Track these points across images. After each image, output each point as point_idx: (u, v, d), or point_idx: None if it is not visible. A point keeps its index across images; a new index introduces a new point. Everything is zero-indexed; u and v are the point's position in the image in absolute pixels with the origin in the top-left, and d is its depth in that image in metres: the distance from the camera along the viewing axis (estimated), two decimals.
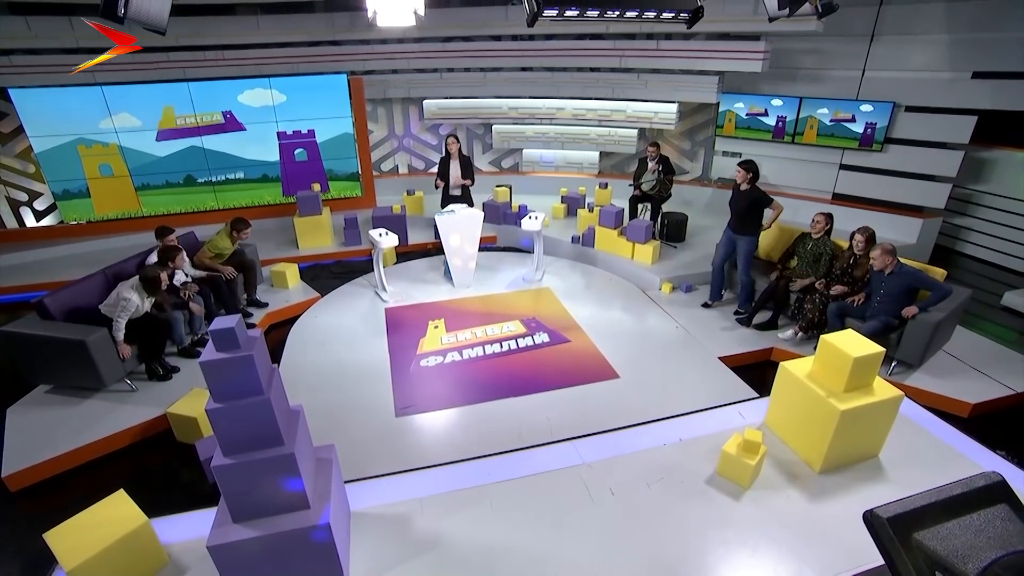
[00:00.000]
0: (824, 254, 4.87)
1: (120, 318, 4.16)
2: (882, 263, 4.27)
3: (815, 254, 4.92)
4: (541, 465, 3.35)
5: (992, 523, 1.19)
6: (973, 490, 1.24)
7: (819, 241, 4.91)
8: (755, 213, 5.03)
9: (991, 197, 6.86)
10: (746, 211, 5.02)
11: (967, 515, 1.20)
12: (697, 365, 4.58)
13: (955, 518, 1.20)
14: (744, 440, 3.10)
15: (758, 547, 2.79)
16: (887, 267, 4.27)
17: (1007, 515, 1.20)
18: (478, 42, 7.91)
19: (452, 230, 5.79)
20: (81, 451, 3.80)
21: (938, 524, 1.20)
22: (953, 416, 3.99)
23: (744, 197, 5.02)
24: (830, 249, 4.88)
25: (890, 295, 4.30)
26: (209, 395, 2.12)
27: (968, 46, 5.99)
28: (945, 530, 1.19)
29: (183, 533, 2.84)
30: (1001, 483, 1.26)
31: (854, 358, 3.01)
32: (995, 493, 1.24)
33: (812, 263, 4.93)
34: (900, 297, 4.27)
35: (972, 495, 1.23)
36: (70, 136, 7.12)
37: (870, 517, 1.24)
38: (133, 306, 4.21)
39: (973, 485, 1.25)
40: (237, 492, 2.21)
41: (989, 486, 1.25)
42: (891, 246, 4.27)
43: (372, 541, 2.84)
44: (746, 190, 5.01)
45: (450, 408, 4.12)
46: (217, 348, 2.07)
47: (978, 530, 1.17)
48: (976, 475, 1.30)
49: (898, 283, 4.26)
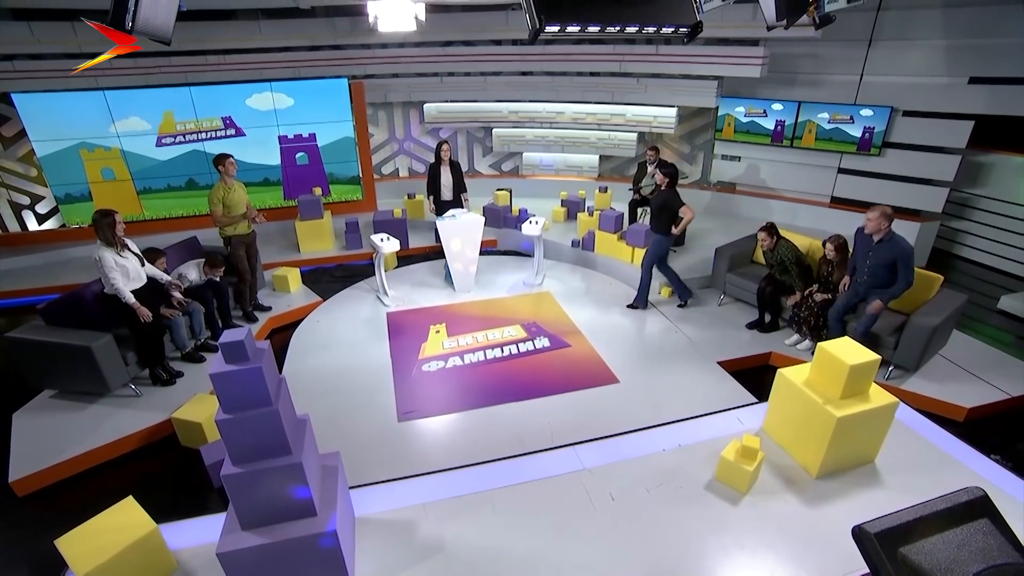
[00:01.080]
0: (786, 259, 4.92)
1: (114, 279, 4.00)
2: (876, 226, 4.07)
3: (780, 264, 4.98)
4: (543, 470, 3.40)
5: (974, 537, 1.24)
6: (957, 505, 1.29)
7: (775, 252, 4.97)
8: (666, 214, 5.27)
9: (988, 201, 6.91)
10: (658, 211, 5.34)
11: (951, 530, 1.25)
12: (696, 369, 4.63)
13: (939, 533, 1.25)
14: (742, 446, 3.15)
15: (756, 552, 2.85)
16: (879, 232, 4.09)
17: (988, 529, 1.25)
18: (479, 46, 7.95)
19: (453, 235, 5.84)
20: (87, 456, 3.85)
21: (923, 539, 1.25)
22: (949, 420, 4.05)
23: (659, 198, 5.33)
24: (790, 254, 4.91)
25: (875, 266, 4.17)
26: (219, 406, 2.16)
27: (965, 51, 6.04)
28: (930, 544, 1.24)
29: (191, 539, 2.89)
30: (983, 498, 1.31)
31: (850, 366, 3.06)
32: (977, 508, 1.29)
33: (783, 272, 5.00)
34: (882, 271, 4.15)
35: (956, 510, 1.28)
36: (72, 140, 7.16)
37: (859, 532, 1.29)
38: (110, 260, 4.01)
39: (957, 500, 1.30)
40: (246, 500, 2.26)
41: (971, 501, 1.30)
42: (890, 210, 4.08)
43: (377, 546, 2.89)
44: (664, 191, 5.29)
45: (452, 413, 4.17)
46: (227, 360, 2.11)
47: (961, 544, 1.22)
48: (959, 490, 1.35)
49: (886, 253, 4.11)
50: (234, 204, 5.22)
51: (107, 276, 4.02)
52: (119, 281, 4.04)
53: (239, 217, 5.26)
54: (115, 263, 4.04)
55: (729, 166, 8.03)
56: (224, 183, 5.18)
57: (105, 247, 4.05)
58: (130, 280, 4.16)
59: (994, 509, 1.28)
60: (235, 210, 5.23)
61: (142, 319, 4.14)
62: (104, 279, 4.07)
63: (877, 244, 4.15)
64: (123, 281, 4.07)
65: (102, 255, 4.01)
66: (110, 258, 4.03)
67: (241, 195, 5.32)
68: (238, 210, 5.25)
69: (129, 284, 4.14)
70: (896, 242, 4.10)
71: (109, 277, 4.02)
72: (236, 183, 5.33)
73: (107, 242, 4.06)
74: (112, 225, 4.05)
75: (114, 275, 4.02)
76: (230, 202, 5.19)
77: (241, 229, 5.36)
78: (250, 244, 5.48)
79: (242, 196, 5.33)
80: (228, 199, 5.17)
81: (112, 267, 4.01)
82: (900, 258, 4.09)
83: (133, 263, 4.19)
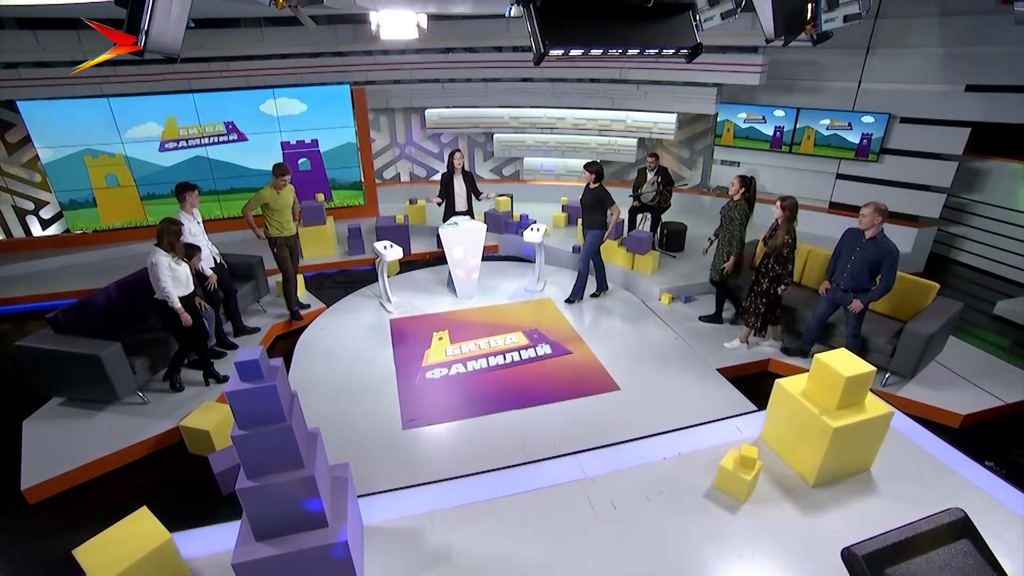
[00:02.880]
0: (735, 219, 4.99)
1: (165, 283, 4.12)
2: (869, 222, 4.04)
3: (728, 217, 5.07)
4: (546, 479, 3.47)
5: (955, 558, 1.32)
6: (940, 527, 1.36)
7: (735, 205, 5.04)
8: (598, 209, 5.62)
9: (985, 207, 6.99)
10: (591, 207, 5.63)
11: (934, 550, 1.32)
12: (696, 377, 4.70)
13: (923, 554, 1.33)
14: (741, 456, 3.23)
15: (753, 560, 2.92)
16: (873, 228, 4.06)
17: (968, 550, 1.32)
18: (480, 53, 8.01)
19: (455, 242, 5.90)
20: (97, 464, 3.92)
21: (908, 559, 1.33)
22: (944, 427, 4.13)
23: (591, 195, 5.62)
24: (741, 214, 4.96)
25: (859, 264, 4.17)
26: (234, 422, 2.23)
27: (961, 59, 6.11)
28: (914, 565, 1.31)
29: (204, 548, 2.96)
30: (964, 519, 1.39)
31: (846, 377, 3.14)
32: (958, 529, 1.36)
33: (726, 227, 5.08)
34: (866, 271, 4.15)
35: (939, 531, 1.36)
36: (77, 147, 7.22)
37: (848, 555, 1.36)
38: (165, 265, 4.14)
39: (940, 522, 1.38)
40: (260, 512, 2.33)
41: (953, 522, 1.37)
42: (884, 206, 4.05)
43: (385, 555, 2.96)
44: (593, 188, 5.59)
45: (455, 420, 4.24)
46: (241, 378, 2.18)
47: (943, 565, 1.30)
48: (942, 512, 1.43)
49: (872, 252, 4.10)
50: (280, 206, 5.38)
51: (159, 280, 4.13)
52: (169, 286, 4.16)
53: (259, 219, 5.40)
54: (169, 268, 4.18)
55: (729, 171, 8.08)
56: (275, 189, 5.34)
57: (163, 252, 4.18)
58: (181, 286, 4.30)
59: (974, 530, 1.36)
60: (280, 213, 5.39)
61: (184, 324, 4.28)
62: (155, 283, 4.18)
63: (867, 242, 4.16)
64: (173, 286, 4.19)
65: (158, 259, 4.14)
66: (165, 263, 4.16)
67: (288, 199, 5.48)
68: (284, 213, 5.41)
69: (178, 290, 4.26)
70: (884, 242, 4.11)
71: (161, 281, 4.13)
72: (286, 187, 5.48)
73: (167, 248, 4.20)
74: (177, 234, 4.23)
75: (166, 280, 4.14)
76: (277, 205, 5.35)
77: (287, 231, 5.50)
78: (293, 246, 5.64)
79: (289, 200, 5.49)
80: (275, 202, 5.34)
81: (165, 272, 4.14)
82: (885, 259, 4.08)
83: (185, 271, 4.35)
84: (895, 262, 4.10)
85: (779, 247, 4.50)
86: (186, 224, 4.60)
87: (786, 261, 4.54)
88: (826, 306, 4.55)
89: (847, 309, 4.34)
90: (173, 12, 3.06)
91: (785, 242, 4.48)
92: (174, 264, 4.23)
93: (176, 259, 4.26)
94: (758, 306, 4.77)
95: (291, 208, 5.51)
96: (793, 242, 4.52)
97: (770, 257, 4.61)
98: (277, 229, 5.43)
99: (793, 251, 4.54)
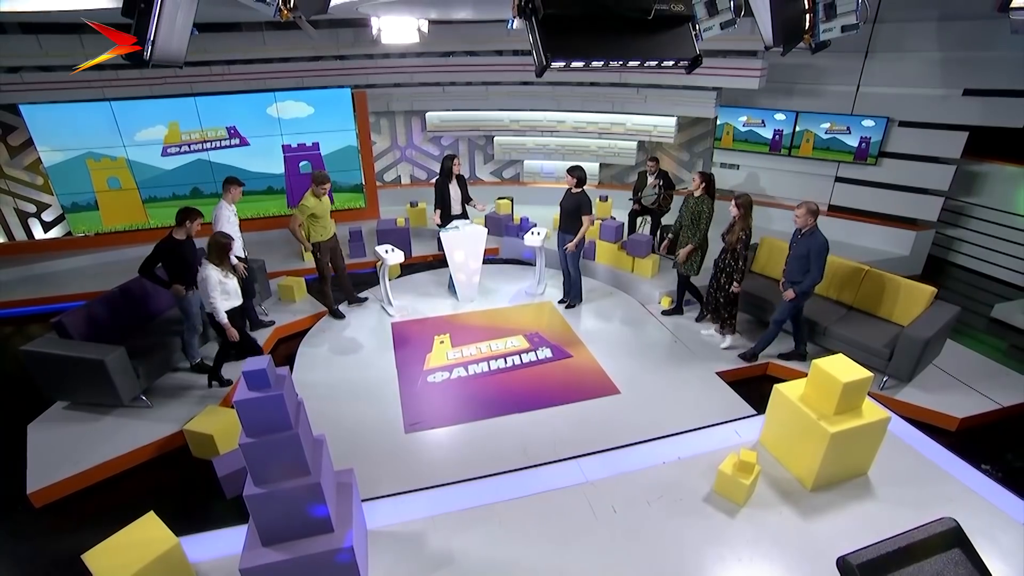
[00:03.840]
0: (703, 213, 5.08)
1: (214, 299, 4.15)
2: (803, 222, 4.40)
3: (695, 213, 5.15)
4: (547, 483, 3.52)
5: (947, 567, 1.36)
6: (932, 536, 1.41)
7: (699, 199, 5.13)
8: (578, 215, 5.55)
9: (982, 209, 7.04)
10: (570, 212, 5.58)
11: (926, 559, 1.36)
12: (695, 380, 4.74)
13: (916, 563, 1.37)
14: (739, 460, 3.27)
15: (752, 563, 2.96)
16: (806, 226, 4.41)
17: (959, 559, 1.37)
18: (480, 56, 8.04)
19: (457, 246, 5.94)
20: (102, 467, 3.96)
21: (901, 569, 1.37)
22: (941, 430, 4.17)
23: (571, 199, 5.57)
24: (709, 208, 5.09)
25: (792, 259, 4.51)
26: (241, 430, 2.27)
27: (959, 64, 6.15)
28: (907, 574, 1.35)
29: (210, 552, 3.00)
30: (955, 529, 1.43)
31: (844, 383, 3.18)
32: (950, 538, 1.41)
33: (692, 223, 5.16)
34: (798, 264, 4.47)
35: (931, 541, 1.40)
36: (79, 150, 7.25)
37: (843, 564, 1.40)
38: (215, 280, 4.17)
39: (932, 531, 1.42)
40: (267, 518, 2.37)
41: (945, 532, 1.42)
42: (816, 206, 4.43)
43: (389, 559, 3.00)
44: (575, 193, 5.54)
45: (457, 424, 4.28)
46: (249, 387, 2.22)
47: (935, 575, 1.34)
48: (935, 521, 1.47)
49: (803, 245, 4.41)
50: (323, 213, 5.53)
51: (208, 295, 4.17)
52: (218, 301, 4.20)
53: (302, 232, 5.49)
54: (219, 283, 4.20)
55: (728, 174, 8.13)
56: (316, 196, 5.44)
57: (213, 267, 4.19)
58: (229, 299, 4.33)
59: (965, 539, 1.40)
60: (323, 219, 5.55)
61: (230, 338, 4.33)
62: (204, 297, 4.23)
63: (801, 238, 4.46)
64: (221, 300, 4.22)
65: (208, 274, 4.15)
66: (216, 278, 4.18)
67: (328, 204, 5.66)
68: (326, 219, 5.58)
69: (227, 303, 4.29)
70: (815, 239, 4.39)
71: (210, 296, 4.16)
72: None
73: (216, 262, 4.21)
74: (227, 248, 4.25)
75: (215, 295, 4.17)
76: (320, 212, 5.48)
77: (327, 235, 5.62)
78: (335, 248, 5.77)
79: (328, 205, 5.66)
80: (319, 209, 5.47)
81: (215, 287, 4.17)
82: (813, 250, 4.36)
83: (234, 284, 4.38)
84: (821, 255, 4.36)
85: (734, 243, 4.74)
86: (227, 212, 5.07)
87: (739, 257, 4.74)
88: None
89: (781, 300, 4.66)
90: (178, 21, 3.11)
91: (740, 238, 4.70)
92: (223, 278, 4.24)
93: (225, 272, 4.27)
94: (717, 299, 5.03)
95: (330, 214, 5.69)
96: (747, 238, 4.72)
97: (727, 253, 4.86)
98: (320, 234, 5.56)
99: (747, 247, 4.75)
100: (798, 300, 4.53)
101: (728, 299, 4.93)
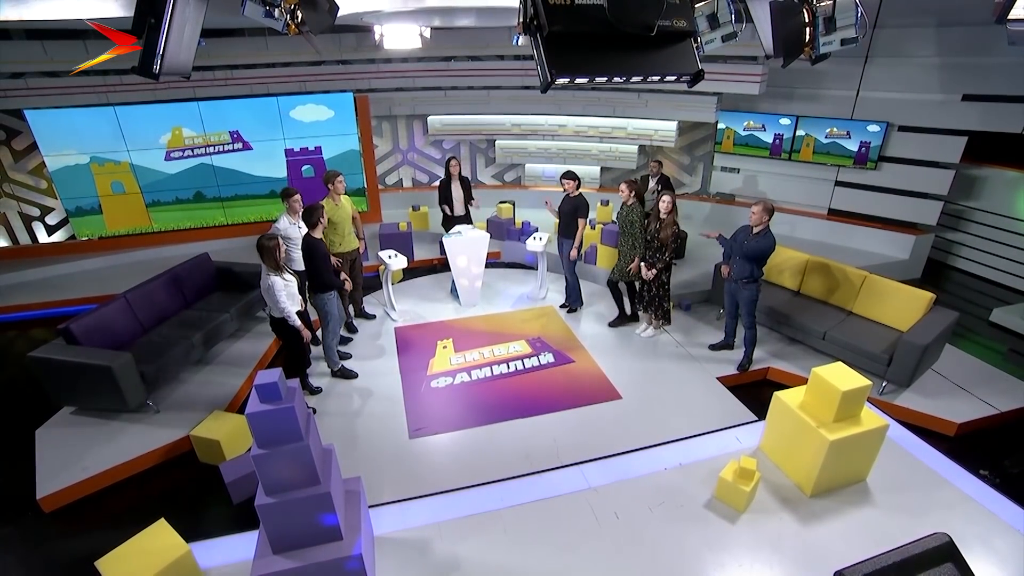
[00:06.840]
0: (635, 221, 5.16)
1: (284, 304, 4.11)
2: (758, 220, 4.42)
3: (628, 221, 5.22)
4: (550, 490, 3.56)
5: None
6: (926, 551, 1.45)
7: (631, 208, 5.20)
8: (575, 219, 5.58)
9: (982, 214, 7.08)
10: (569, 216, 5.59)
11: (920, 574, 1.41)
12: (696, 386, 4.78)
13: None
14: (740, 467, 3.31)
15: (752, 569, 3.01)
16: (760, 225, 4.43)
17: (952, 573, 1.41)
18: (482, 61, 8.08)
19: (459, 252, 5.98)
20: (110, 472, 4.00)
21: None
22: (940, 435, 4.21)
23: (569, 203, 5.60)
24: (640, 215, 5.17)
25: (744, 257, 4.55)
26: (253, 442, 2.32)
27: (958, 69, 6.18)
28: None
29: (220, 559, 3.05)
30: (948, 543, 1.48)
31: (843, 392, 3.23)
32: (943, 553, 1.45)
33: (627, 231, 5.24)
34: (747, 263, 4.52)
35: (925, 555, 1.45)
36: (83, 155, 7.29)
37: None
38: (281, 286, 4.11)
39: (926, 546, 1.47)
40: (278, 527, 2.42)
41: (939, 546, 1.46)
42: (771, 205, 4.43)
43: (395, 566, 3.05)
44: (573, 197, 5.57)
45: (461, 430, 4.33)
46: (261, 400, 2.27)
47: None
48: (928, 536, 1.52)
49: (755, 246, 4.46)
50: (340, 219, 5.24)
51: (277, 301, 4.11)
52: (288, 305, 4.14)
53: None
54: (284, 287, 4.15)
55: (728, 178, 8.17)
56: (332, 200, 5.21)
57: (273, 272, 4.12)
58: (295, 302, 4.29)
59: (957, 554, 1.45)
60: (341, 226, 5.25)
61: (305, 340, 4.32)
62: (272, 304, 4.18)
63: (754, 236, 4.50)
64: (290, 304, 4.17)
65: (273, 281, 4.09)
66: (280, 283, 4.13)
67: (347, 210, 5.35)
68: (344, 225, 5.28)
69: (294, 306, 4.25)
70: (766, 241, 4.45)
71: (279, 301, 4.11)
72: (344, 198, 5.35)
73: (273, 267, 4.13)
74: (276, 249, 4.10)
75: (284, 299, 4.12)
76: (336, 218, 5.20)
77: (345, 247, 5.35)
78: (355, 260, 5.54)
79: (347, 212, 5.35)
80: (334, 214, 5.19)
81: (282, 292, 4.12)
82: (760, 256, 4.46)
83: (294, 285, 4.30)
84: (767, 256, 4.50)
85: (668, 239, 4.95)
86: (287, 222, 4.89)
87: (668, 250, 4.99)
88: (728, 299, 4.96)
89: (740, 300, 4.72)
90: (186, 35, 3.15)
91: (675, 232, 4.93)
92: (286, 282, 4.19)
93: (283, 275, 4.20)
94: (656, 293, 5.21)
95: (351, 221, 5.38)
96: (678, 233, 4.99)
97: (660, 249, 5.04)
98: (337, 243, 5.23)
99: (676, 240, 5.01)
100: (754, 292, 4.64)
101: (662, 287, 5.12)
